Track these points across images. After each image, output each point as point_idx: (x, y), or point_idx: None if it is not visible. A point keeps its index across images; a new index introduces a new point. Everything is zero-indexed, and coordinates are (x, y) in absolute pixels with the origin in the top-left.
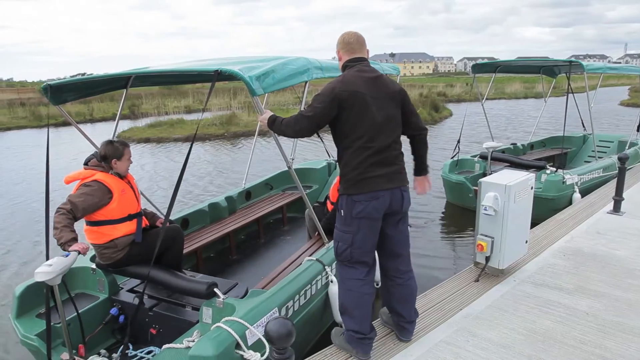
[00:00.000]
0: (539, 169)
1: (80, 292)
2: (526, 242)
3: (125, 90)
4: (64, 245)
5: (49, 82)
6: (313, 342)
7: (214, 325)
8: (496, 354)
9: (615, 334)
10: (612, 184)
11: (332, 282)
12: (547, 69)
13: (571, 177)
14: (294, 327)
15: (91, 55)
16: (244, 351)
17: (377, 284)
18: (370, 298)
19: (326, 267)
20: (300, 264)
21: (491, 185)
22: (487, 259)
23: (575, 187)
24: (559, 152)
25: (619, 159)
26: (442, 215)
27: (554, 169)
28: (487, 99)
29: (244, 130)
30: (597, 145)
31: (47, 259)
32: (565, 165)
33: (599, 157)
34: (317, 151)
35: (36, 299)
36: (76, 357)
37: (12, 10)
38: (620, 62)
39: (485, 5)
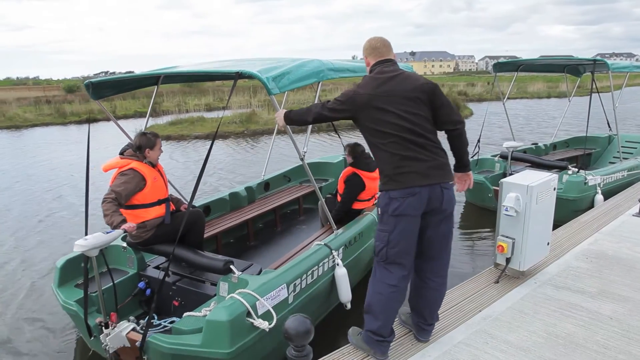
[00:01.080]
0: (561, 169)
1: (112, 268)
2: (548, 244)
3: (156, 87)
4: (117, 227)
5: (90, 80)
6: (319, 319)
7: (229, 296)
8: (515, 357)
9: None
10: (639, 185)
11: (338, 265)
12: (571, 67)
13: (593, 178)
14: (312, 326)
15: (114, 54)
16: (254, 319)
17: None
18: (398, 306)
19: (333, 251)
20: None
21: (513, 185)
22: (508, 260)
23: (598, 188)
24: (581, 153)
25: None
26: (461, 214)
27: (576, 169)
28: (508, 98)
29: (264, 128)
30: (623, 146)
31: (86, 234)
32: (588, 166)
33: (625, 158)
34: (333, 147)
35: (75, 271)
36: (109, 322)
37: (38, 10)
38: None
39: (508, 3)
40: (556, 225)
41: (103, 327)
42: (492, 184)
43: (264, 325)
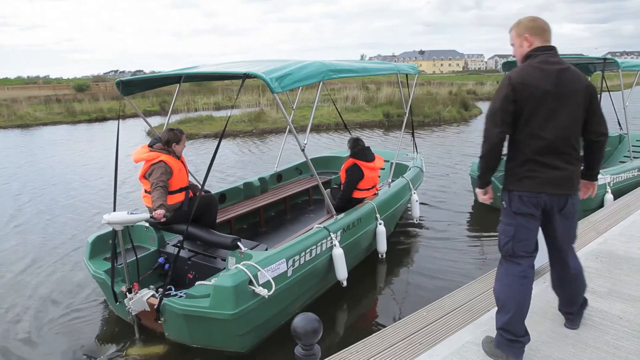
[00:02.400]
0: None
1: (136, 244)
2: None
3: (178, 85)
4: (155, 208)
5: (120, 78)
6: (318, 294)
7: (234, 266)
8: (524, 357)
9: None
10: None
11: (335, 245)
12: (581, 66)
13: (603, 177)
14: (320, 324)
15: (125, 53)
16: (255, 287)
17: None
18: (527, 298)
19: (331, 233)
20: None
21: None
22: None
23: (608, 187)
24: None
25: None
26: (470, 214)
27: None
28: None
29: (272, 127)
30: (634, 145)
31: (114, 210)
32: None
33: (635, 158)
34: (340, 145)
35: (103, 246)
36: (132, 289)
37: (49, 9)
38: None
39: (517, 2)
40: None
41: (127, 293)
42: (501, 183)
43: (263, 292)
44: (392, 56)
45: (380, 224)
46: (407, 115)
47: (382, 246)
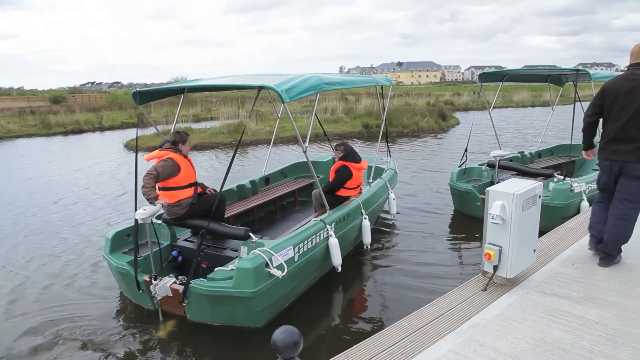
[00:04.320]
0: (547, 177)
1: (149, 241)
2: (534, 251)
3: (182, 95)
4: (152, 200)
5: (137, 89)
6: (317, 278)
7: (251, 252)
8: None
9: (626, 344)
10: None
11: (331, 236)
12: (554, 77)
13: (579, 185)
14: (301, 337)
15: (102, 64)
16: (271, 268)
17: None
18: (597, 214)
19: (327, 225)
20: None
21: (499, 194)
22: (495, 268)
23: (583, 195)
24: (566, 161)
25: None
26: (450, 223)
27: (562, 177)
28: (494, 107)
29: (252, 139)
30: None
31: (136, 209)
32: (573, 174)
33: None
34: (320, 152)
35: (121, 242)
36: (155, 277)
37: (24, 19)
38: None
39: (491, 14)
40: (544, 232)
41: (153, 280)
42: (480, 193)
43: (278, 273)
44: (371, 67)
45: (365, 218)
46: (383, 123)
47: (367, 238)
